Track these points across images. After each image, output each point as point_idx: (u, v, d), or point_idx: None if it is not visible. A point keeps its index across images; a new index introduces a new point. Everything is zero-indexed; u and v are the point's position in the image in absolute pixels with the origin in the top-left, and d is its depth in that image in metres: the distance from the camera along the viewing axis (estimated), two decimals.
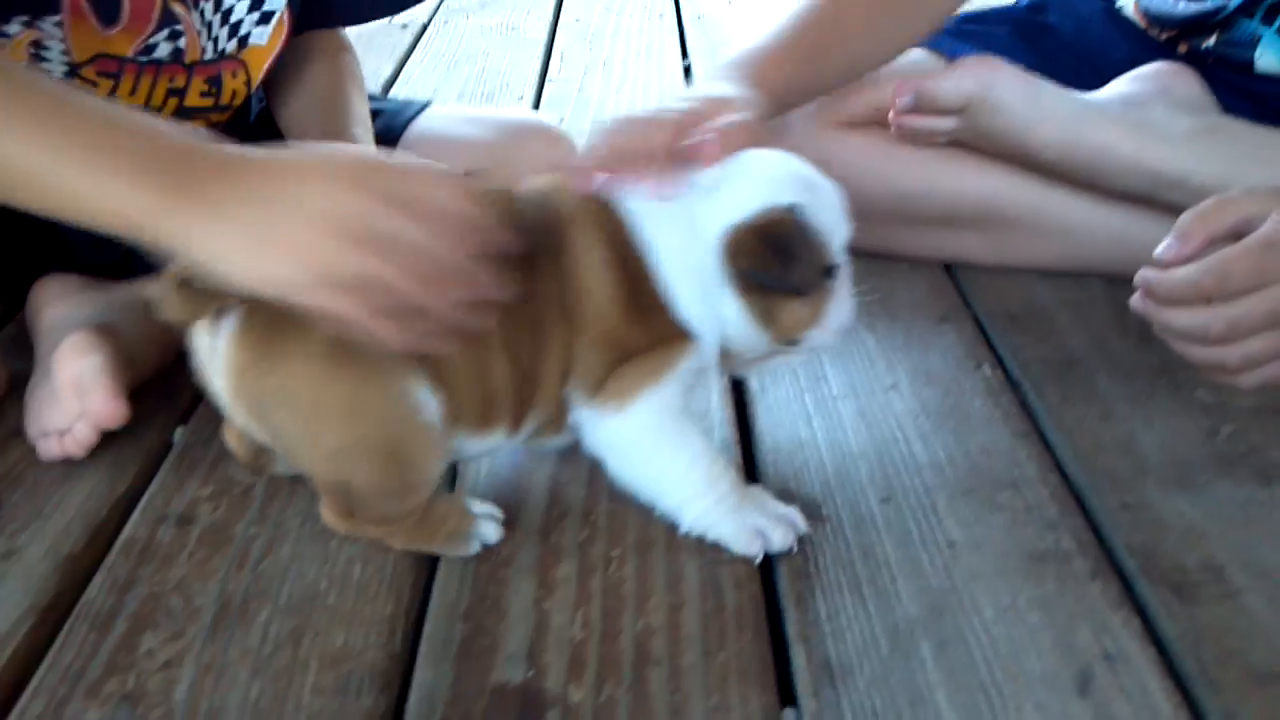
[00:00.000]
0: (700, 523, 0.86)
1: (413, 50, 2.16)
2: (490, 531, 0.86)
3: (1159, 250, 0.88)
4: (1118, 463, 0.95)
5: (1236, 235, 0.86)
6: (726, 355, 0.88)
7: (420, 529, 0.84)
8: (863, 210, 1.26)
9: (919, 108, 1.18)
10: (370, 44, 2.20)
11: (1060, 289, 1.22)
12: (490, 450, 0.90)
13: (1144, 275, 0.89)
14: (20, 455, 0.99)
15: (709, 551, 0.86)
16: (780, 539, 0.85)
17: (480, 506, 0.87)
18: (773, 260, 0.82)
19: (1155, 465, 0.95)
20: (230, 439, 0.93)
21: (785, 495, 0.92)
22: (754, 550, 0.85)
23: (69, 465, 0.98)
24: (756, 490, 0.88)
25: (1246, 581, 0.82)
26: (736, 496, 0.86)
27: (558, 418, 0.86)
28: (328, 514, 0.85)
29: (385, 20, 2.34)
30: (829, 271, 0.85)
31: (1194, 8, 1.24)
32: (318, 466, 0.82)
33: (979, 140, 1.18)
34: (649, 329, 0.83)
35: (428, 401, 0.79)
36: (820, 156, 1.24)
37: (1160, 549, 0.86)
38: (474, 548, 0.86)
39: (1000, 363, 1.10)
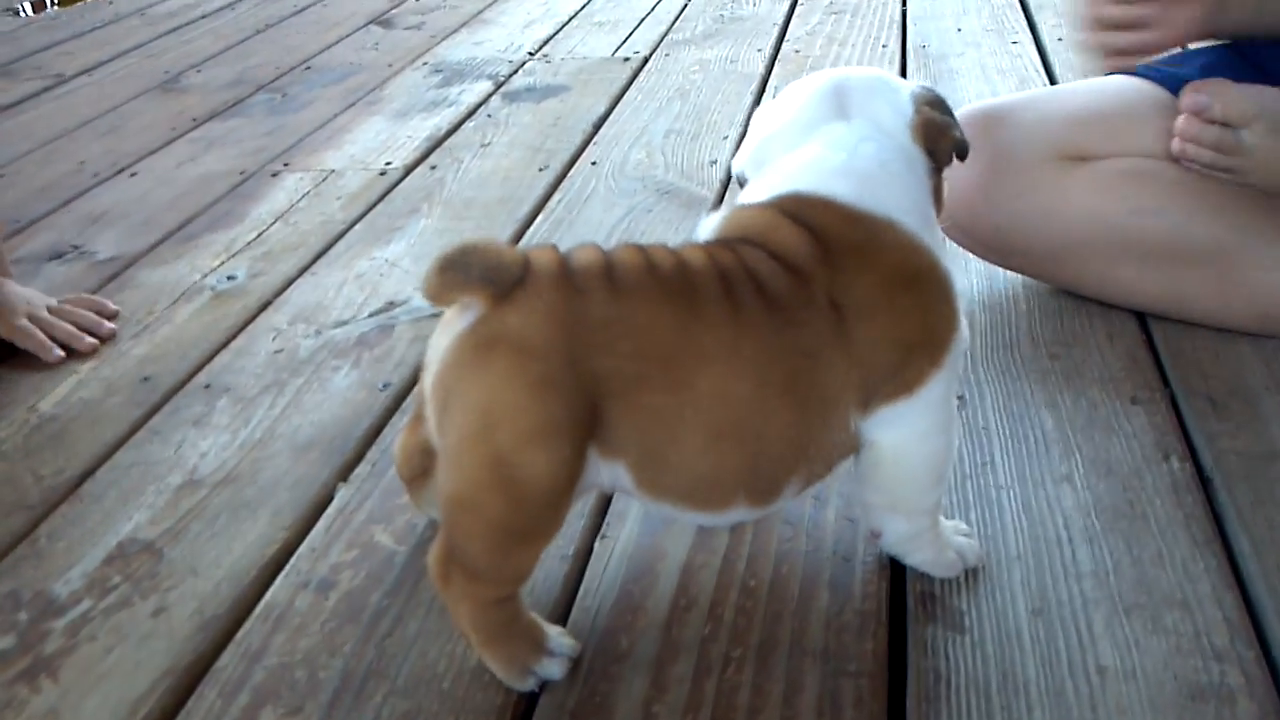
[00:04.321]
0: (908, 544, 0.88)
1: (629, 86, 2.16)
2: (554, 670, 0.82)
3: None
4: None
5: None
6: None
7: (493, 624, 0.80)
8: (1089, 236, 1.20)
9: (1210, 111, 1.11)
10: (590, 78, 2.22)
11: (1275, 367, 1.11)
12: (737, 522, 0.92)
13: None
14: (188, 509, 1.04)
15: (833, 659, 0.81)
16: (973, 555, 0.90)
17: (561, 642, 0.83)
18: (959, 127, 0.85)
19: None
20: (399, 446, 0.94)
21: (928, 597, 0.87)
22: (954, 573, 0.89)
23: (228, 521, 1.02)
24: None
25: None
26: (941, 522, 0.89)
27: (846, 454, 0.84)
28: (433, 558, 0.81)
29: (608, 53, 2.36)
30: None
31: None
32: (458, 475, 0.77)
33: (1259, 165, 1.11)
34: (925, 298, 0.81)
35: (591, 467, 0.77)
36: (1049, 180, 1.20)
37: None
38: (529, 684, 0.81)
39: (1192, 453, 1.01)
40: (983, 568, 0.89)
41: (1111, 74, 1.25)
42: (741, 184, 0.89)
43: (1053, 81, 1.99)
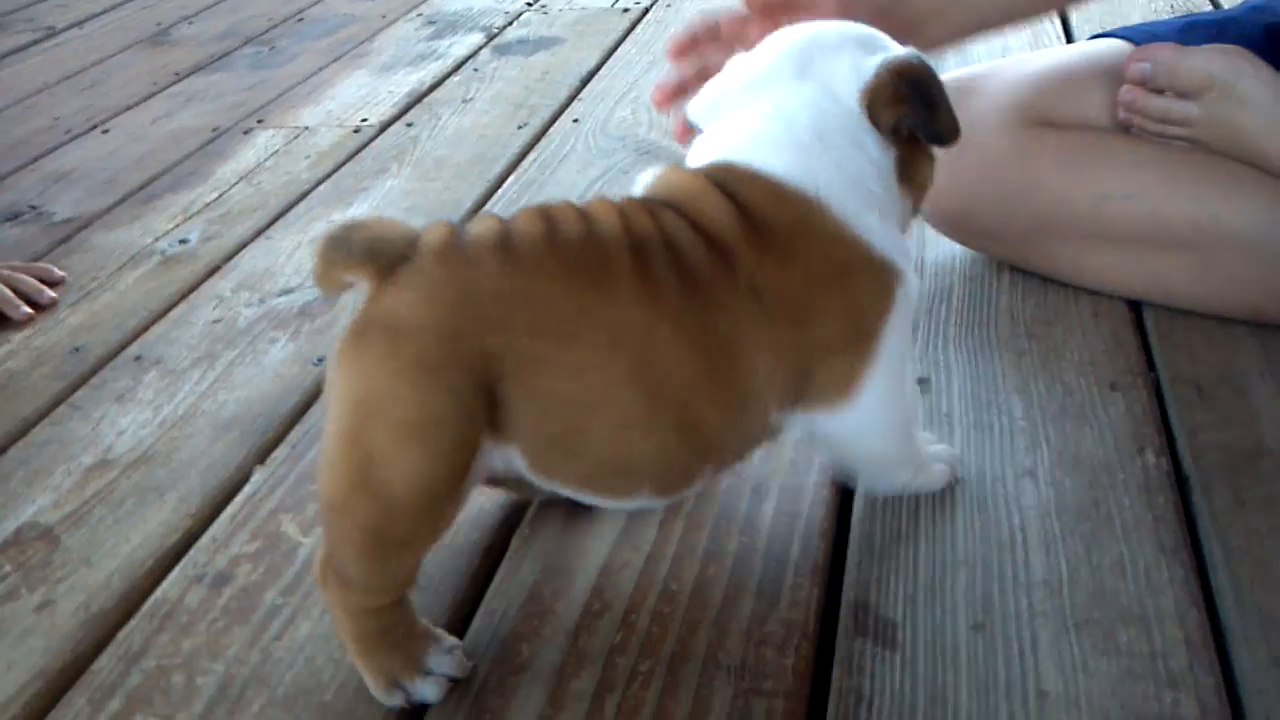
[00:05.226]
0: (899, 492, 0.88)
1: (625, 39, 2.07)
2: (427, 692, 0.74)
3: None
4: None
5: None
6: None
7: (369, 633, 0.73)
8: (1058, 221, 1.11)
9: (1154, 81, 1.04)
10: (586, 30, 2.13)
11: (1272, 351, 1.02)
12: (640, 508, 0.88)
13: None
14: (95, 492, 0.98)
15: (749, 675, 0.74)
16: (958, 465, 0.90)
17: (444, 660, 0.75)
18: (919, 102, 0.78)
19: None
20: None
21: (862, 606, 0.79)
22: (945, 483, 0.88)
23: (134, 505, 0.96)
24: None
25: None
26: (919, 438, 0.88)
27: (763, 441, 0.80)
28: (316, 559, 0.75)
29: (609, 3, 2.27)
30: None
31: None
32: (330, 476, 0.70)
33: (1212, 137, 1.04)
34: (853, 296, 0.76)
35: (487, 461, 0.71)
36: (1013, 153, 1.11)
37: None
38: (396, 701, 0.73)
39: (1171, 447, 0.92)
40: (925, 573, 0.81)
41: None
42: (698, 131, 0.83)
43: (1069, 38, 1.88)
